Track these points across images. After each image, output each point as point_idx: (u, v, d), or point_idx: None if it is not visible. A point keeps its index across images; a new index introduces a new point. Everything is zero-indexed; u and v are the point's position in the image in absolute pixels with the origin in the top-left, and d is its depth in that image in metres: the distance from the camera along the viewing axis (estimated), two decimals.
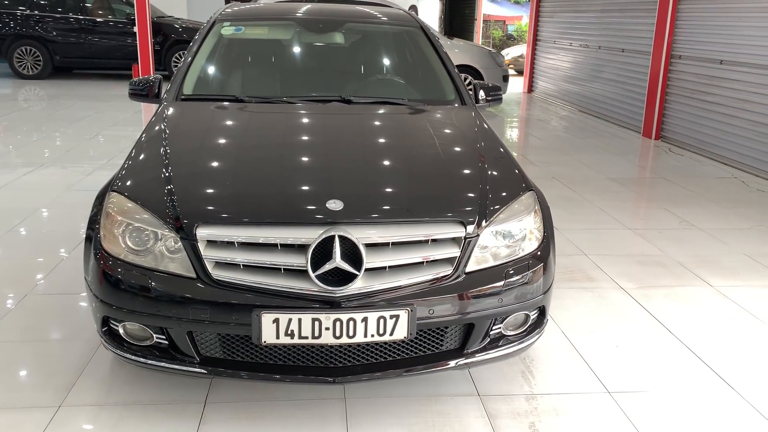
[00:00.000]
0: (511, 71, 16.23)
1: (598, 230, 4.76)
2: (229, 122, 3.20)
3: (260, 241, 2.24)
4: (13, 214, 4.65)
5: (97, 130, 7.87)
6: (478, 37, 20.58)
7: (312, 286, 2.21)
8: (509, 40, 27.40)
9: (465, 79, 10.05)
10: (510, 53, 19.17)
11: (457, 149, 3.01)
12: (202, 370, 2.32)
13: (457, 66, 9.93)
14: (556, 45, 12.01)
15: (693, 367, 2.94)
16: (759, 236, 4.69)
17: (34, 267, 3.77)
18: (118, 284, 2.31)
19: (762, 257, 4.27)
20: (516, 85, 13.65)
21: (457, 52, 10.06)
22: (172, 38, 12.58)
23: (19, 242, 4.17)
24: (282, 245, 2.24)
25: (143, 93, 3.55)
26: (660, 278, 3.91)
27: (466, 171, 2.74)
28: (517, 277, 2.43)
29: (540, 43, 12.88)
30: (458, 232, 2.36)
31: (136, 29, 11.94)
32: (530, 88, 13.30)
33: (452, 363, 2.42)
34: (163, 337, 2.33)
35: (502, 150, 3.01)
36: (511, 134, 8.97)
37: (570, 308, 3.46)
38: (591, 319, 3.35)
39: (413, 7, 19.94)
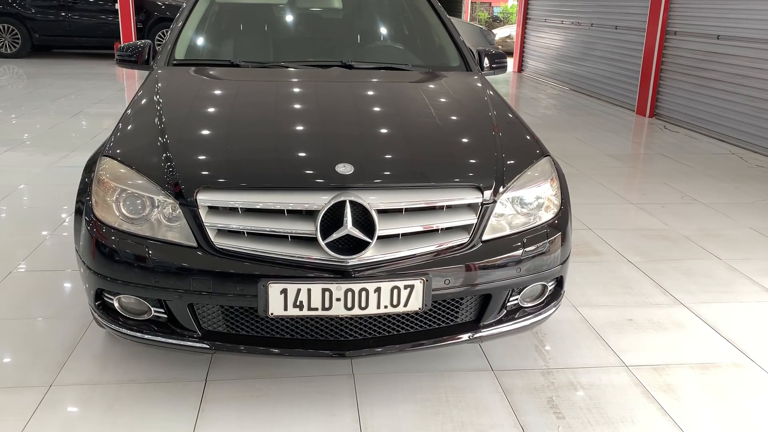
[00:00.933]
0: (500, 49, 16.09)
1: (601, 204, 4.65)
2: (226, 86, 3.03)
3: (266, 207, 2.09)
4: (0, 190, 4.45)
5: (78, 108, 7.63)
6: (466, 17, 20.39)
7: (322, 254, 2.07)
8: (495, 21, 27.22)
9: None
10: (498, 34, 18.99)
11: (470, 113, 2.87)
12: (205, 345, 2.17)
13: None
14: (547, 23, 11.86)
15: (710, 339, 2.85)
16: (763, 210, 4.61)
17: (17, 244, 3.59)
18: (112, 255, 2.15)
19: None
20: None
21: None
22: (155, 16, 12.28)
23: (2, 219, 3.97)
24: (289, 211, 2.10)
25: (132, 59, 3.37)
26: (668, 251, 3.82)
27: (480, 136, 2.61)
28: (535, 246, 2.30)
29: (530, 22, 12.72)
30: (475, 197, 2.23)
31: (117, 6, 11.63)
32: (520, 67, 13.16)
33: (468, 335, 2.29)
34: (162, 310, 2.18)
35: (513, 116, 2.88)
36: None
37: (579, 282, 3.36)
38: (601, 293, 3.25)
39: None
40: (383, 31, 3.84)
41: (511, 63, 13.67)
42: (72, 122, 6.83)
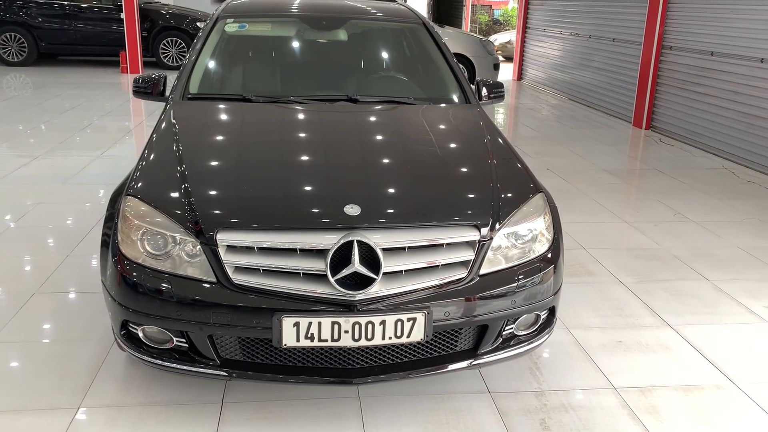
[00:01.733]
0: (500, 57, 16.28)
1: (595, 223, 4.83)
2: (239, 123, 3.21)
3: (280, 246, 2.27)
4: (13, 208, 4.63)
5: (87, 120, 7.81)
6: (467, 23, 20.53)
7: (331, 290, 2.25)
8: (495, 24, 27.37)
9: None
10: (498, 39, 19.18)
11: (467, 150, 3.05)
12: (223, 373, 2.36)
13: None
14: (546, 33, 12.04)
15: (694, 362, 3.02)
16: (751, 229, 4.79)
17: (40, 264, 3.77)
18: (137, 288, 2.33)
19: (755, 250, 4.37)
20: (505, 73, 13.67)
21: (447, 40, 10.02)
22: (159, 25, 12.46)
23: (22, 237, 4.15)
24: (301, 250, 2.28)
25: (147, 91, 3.55)
26: (658, 272, 4.00)
27: (477, 173, 2.79)
28: (529, 279, 2.48)
29: (530, 31, 12.90)
30: (473, 235, 2.41)
31: (123, 15, 11.80)
32: (520, 75, 13.34)
33: (466, 363, 2.48)
34: (183, 340, 2.37)
35: (510, 150, 3.06)
36: (503, 123, 9.01)
37: (572, 303, 3.53)
38: (593, 314, 3.43)
39: None
40: (386, 64, 4.02)
41: (510, 71, 13.85)
42: (82, 136, 7.00)
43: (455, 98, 3.61)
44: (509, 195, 2.63)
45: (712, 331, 3.30)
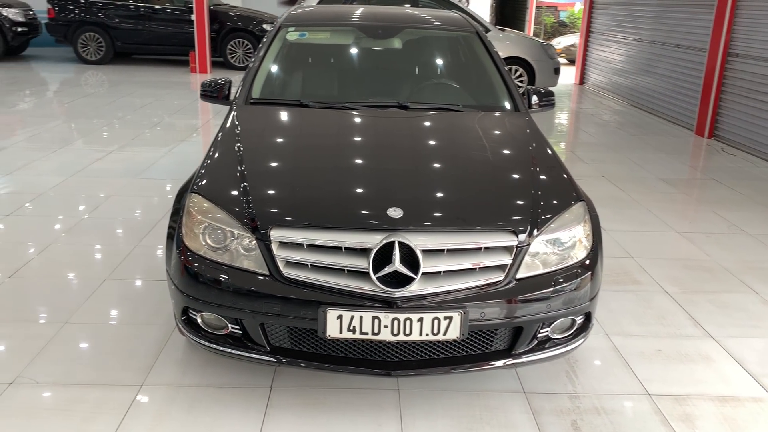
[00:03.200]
0: (563, 60, 16.11)
1: (646, 232, 4.83)
2: (295, 127, 3.42)
3: (327, 244, 2.45)
4: (88, 200, 4.99)
5: (158, 117, 8.23)
6: (530, 25, 20.37)
7: (373, 286, 2.40)
8: (561, 26, 27.00)
9: (516, 71, 10.08)
10: (562, 42, 18.95)
11: (510, 157, 3.16)
12: (272, 359, 2.55)
13: (509, 58, 10.00)
14: (610, 38, 11.89)
15: (734, 374, 3.04)
16: None
17: (110, 253, 4.07)
18: (197, 278, 2.55)
19: None
20: (568, 76, 13.56)
21: (508, 44, 10.08)
22: (227, 26, 12.91)
23: (96, 227, 4.48)
24: (347, 248, 2.45)
25: (214, 95, 3.79)
26: (705, 283, 3.99)
27: (518, 180, 2.90)
28: (566, 285, 2.58)
29: (593, 35, 12.75)
30: (510, 241, 2.52)
31: (193, 17, 12.31)
32: (582, 79, 13.20)
33: (501, 362, 2.59)
34: (237, 327, 2.57)
35: (553, 158, 3.15)
36: (562, 129, 8.99)
37: (614, 310, 3.58)
38: (634, 322, 3.47)
39: None
40: (438, 72, 4.15)
41: (573, 74, 13.71)
42: (152, 133, 7.41)
43: (504, 106, 3.72)
44: (549, 202, 2.72)
45: (756, 345, 3.30)
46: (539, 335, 2.65)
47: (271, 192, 2.72)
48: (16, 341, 3.06)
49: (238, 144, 3.06)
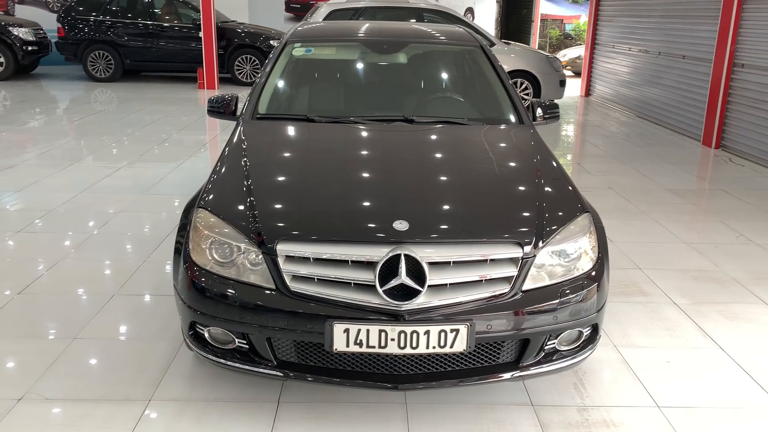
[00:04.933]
0: (569, 73, 16.14)
1: (653, 243, 4.81)
2: (301, 142, 3.45)
3: (334, 258, 2.46)
4: (97, 216, 5.03)
5: (166, 134, 8.30)
6: (536, 39, 20.44)
7: (379, 299, 2.41)
8: (567, 39, 27.07)
9: (521, 84, 10.10)
10: (567, 54, 19.01)
11: (515, 169, 3.17)
12: (279, 373, 2.55)
13: (514, 71, 10.02)
14: (615, 49, 11.91)
15: (743, 385, 3.02)
16: None
17: (119, 268, 4.10)
18: (204, 292, 2.56)
19: None
20: (573, 89, 13.57)
21: (513, 57, 10.12)
22: (235, 42, 13.02)
23: (104, 243, 4.52)
24: (353, 262, 2.46)
25: (221, 111, 3.83)
26: (714, 294, 3.97)
27: (524, 192, 2.90)
28: (572, 296, 2.57)
29: (598, 47, 12.78)
30: (515, 252, 2.52)
31: (201, 34, 12.43)
32: (588, 91, 13.21)
33: (508, 375, 2.59)
34: (244, 341, 2.58)
35: (558, 170, 3.16)
36: (568, 141, 9.00)
37: (622, 322, 3.57)
38: (643, 334, 3.46)
39: (470, 10, 19.98)
40: (443, 86, 4.18)
41: (579, 86, 13.73)
42: (160, 149, 7.46)
43: (509, 119, 3.73)
44: (554, 214, 2.73)
45: (766, 356, 3.27)
46: (546, 347, 2.64)
47: (277, 206, 2.74)
48: (26, 357, 3.08)
49: (245, 159, 3.09)
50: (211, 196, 2.83)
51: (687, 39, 9.26)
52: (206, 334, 2.65)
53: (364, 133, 3.48)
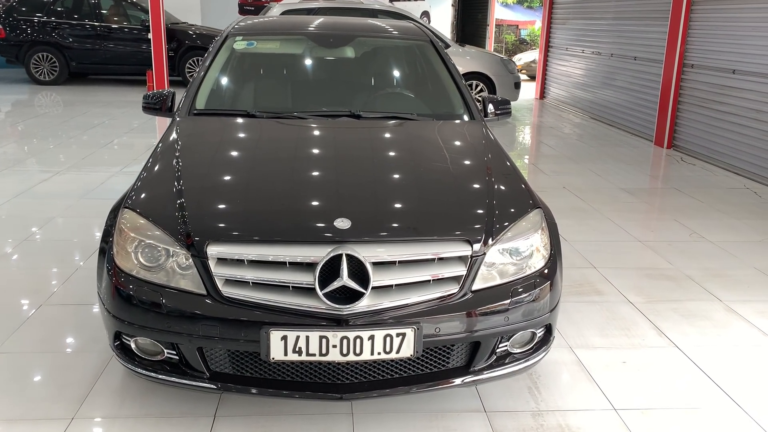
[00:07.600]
0: (524, 76, 16.23)
1: (608, 242, 4.76)
2: (240, 138, 3.25)
3: (269, 259, 2.28)
4: (29, 222, 4.73)
5: (111, 137, 7.96)
6: (491, 43, 20.55)
7: (319, 303, 2.24)
8: (522, 44, 27.35)
9: (476, 86, 10.06)
10: (522, 58, 19.14)
11: (465, 166, 3.04)
12: (212, 386, 2.36)
13: (469, 73, 9.97)
14: (569, 52, 11.99)
15: (700, 383, 2.94)
16: None
17: (49, 276, 3.83)
18: (130, 300, 2.36)
19: None
20: (528, 91, 13.63)
21: (468, 59, 10.07)
22: (185, 44, 12.68)
23: (35, 251, 4.23)
24: (290, 263, 2.28)
25: (156, 107, 3.61)
26: (669, 292, 3.91)
27: (473, 188, 2.77)
28: (524, 295, 2.45)
29: (552, 50, 12.86)
30: (464, 250, 2.38)
31: (150, 36, 12.07)
32: (542, 94, 13.28)
33: (458, 380, 2.44)
34: (174, 352, 2.38)
35: (509, 166, 3.04)
36: (523, 142, 8.97)
37: (577, 322, 3.47)
38: (598, 334, 3.36)
39: (425, 14, 19.97)
40: (391, 80, 4.03)
41: (534, 89, 13.80)
42: (105, 152, 7.14)
43: (460, 115, 3.61)
44: (505, 211, 2.60)
45: (721, 353, 3.21)
46: (498, 350, 2.51)
47: (209, 205, 2.55)
48: None
49: (177, 156, 2.88)
50: (138, 196, 2.62)
51: (638, 40, 9.35)
52: (133, 345, 2.44)
53: (308, 130, 3.31)
